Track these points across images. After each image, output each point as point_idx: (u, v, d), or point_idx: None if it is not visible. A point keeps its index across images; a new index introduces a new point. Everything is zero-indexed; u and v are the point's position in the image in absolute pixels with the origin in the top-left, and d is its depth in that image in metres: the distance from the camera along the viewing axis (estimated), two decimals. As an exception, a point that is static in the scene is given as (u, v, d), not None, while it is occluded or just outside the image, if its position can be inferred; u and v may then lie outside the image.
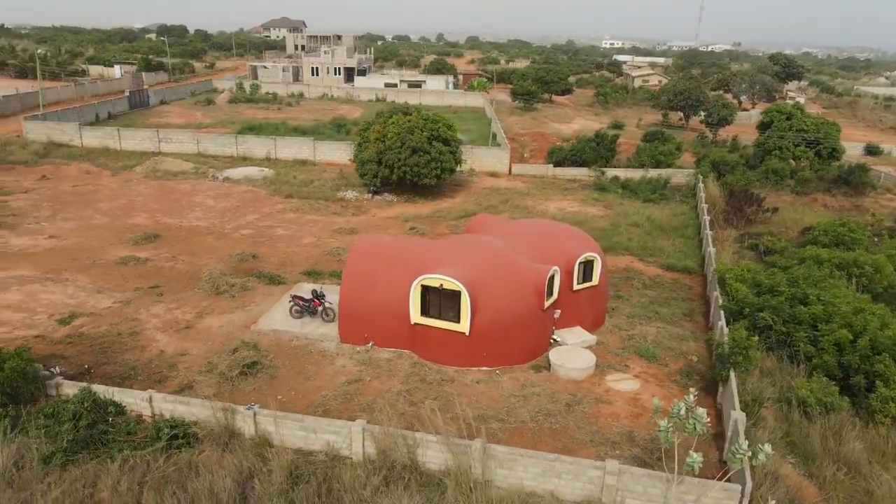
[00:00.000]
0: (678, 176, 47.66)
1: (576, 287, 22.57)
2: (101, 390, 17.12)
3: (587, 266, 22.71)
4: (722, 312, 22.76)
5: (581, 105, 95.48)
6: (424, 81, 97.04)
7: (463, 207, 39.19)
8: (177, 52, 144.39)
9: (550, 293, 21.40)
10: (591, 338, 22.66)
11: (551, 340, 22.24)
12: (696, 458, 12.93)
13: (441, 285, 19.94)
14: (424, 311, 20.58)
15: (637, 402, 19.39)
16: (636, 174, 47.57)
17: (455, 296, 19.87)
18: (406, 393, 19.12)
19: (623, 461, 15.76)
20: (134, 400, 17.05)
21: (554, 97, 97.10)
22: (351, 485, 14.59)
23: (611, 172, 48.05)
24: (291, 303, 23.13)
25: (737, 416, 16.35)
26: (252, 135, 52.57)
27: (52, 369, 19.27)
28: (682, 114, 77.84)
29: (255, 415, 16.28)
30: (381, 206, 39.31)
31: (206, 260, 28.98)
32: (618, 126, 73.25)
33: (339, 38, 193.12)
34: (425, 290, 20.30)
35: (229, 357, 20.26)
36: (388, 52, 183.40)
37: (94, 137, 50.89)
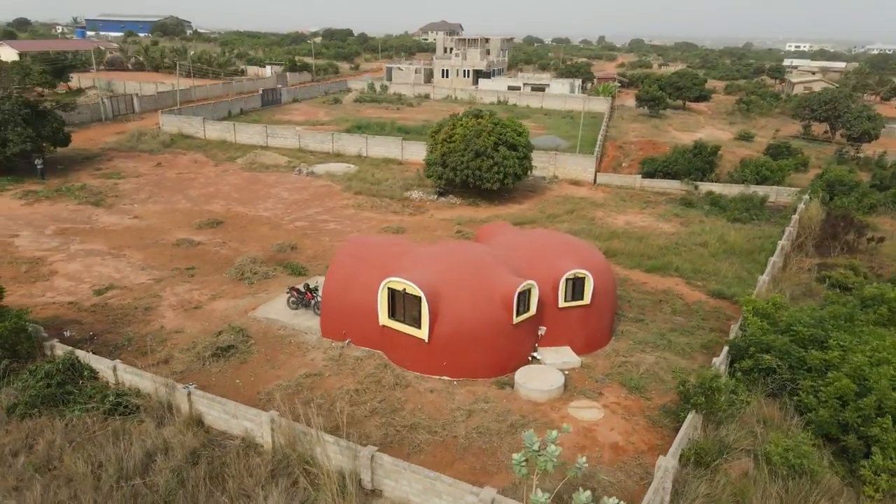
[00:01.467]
0: (783, 195, 42.96)
1: (562, 305, 21.37)
2: (82, 355, 19.20)
3: (576, 283, 21.40)
4: (726, 349, 20.44)
5: (719, 113, 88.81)
6: (548, 85, 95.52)
7: (524, 214, 38.35)
8: (332, 55, 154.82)
9: (525, 308, 20.48)
10: (574, 359, 21.35)
11: (529, 357, 21.27)
12: (540, 497, 11.86)
13: (404, 289, 19.88)
14: (391, 314, 20.63)
15: (590, 433, 18.02)
16: (734, 190, 43.59)
17: (416, 301, 19.71)
18: (354, 393, 19.32)
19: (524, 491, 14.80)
20: (103, 367, 18.90)
21: (690, 103, 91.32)
22: (238, 471, 15.15)
23: (706, 187, 44.46)
24: (289, 294, 24.22)
25: (664, 464, 14.70)
26: (346, 133, 55.10)
27: (64, 332, 21.93)
28: (828, 126, 69.80)
29: (189, 394, 17.39)
30: (441, 207, 39.60)
31: (250, 247, 31.10)
32: (746, 137, 67.42)
33: (487, 40, 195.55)
34: (392, 292, 20.35)
35: (212, 338, 21.72)
36: (534, 55, 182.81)
37: (214, 131, 56.31)
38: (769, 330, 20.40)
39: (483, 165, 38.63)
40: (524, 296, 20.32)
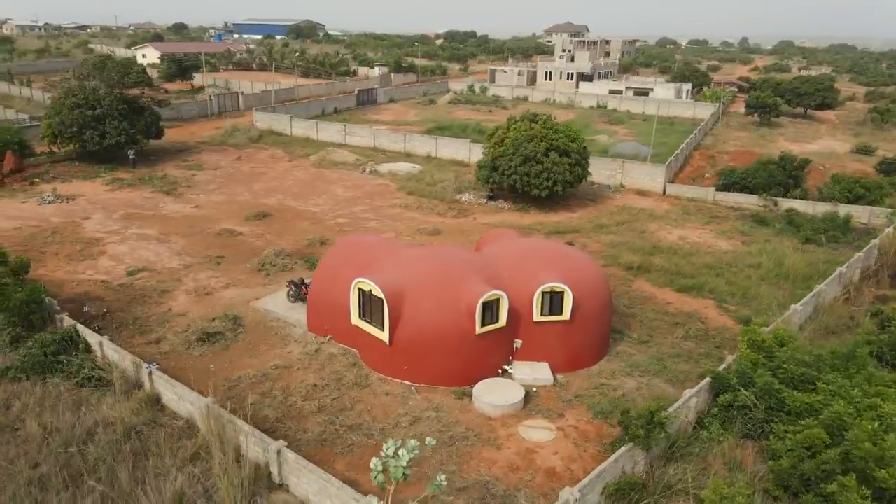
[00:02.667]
0: (879, 216, 38.31)
1: (538, 318, 20.51)
2: (81, 329, 21.10)
3: (554, 298, 20.43)
4: (707, 380, 18.70)
5: (848, 123, 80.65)
6: (652, 89, 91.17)
7: (569, 223, 37.04)
8: (446, 56, 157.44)
9: (494, 319, 19.88)
10: (547, 377, 20.43)
11: (500, 370, 20.62)
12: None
13: (370, 291, 20.00)
14: (361, 314, 20.82)
15: (531, 454, 17.21)
16: (821, 208, 39.48)
17: (379, 303, 19.76)
18: (312, 388, 19.72)
19: (418, 506, 14.45)
20: (94, 342, 20.65)
21: (814, 111, 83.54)
22: (163, 451, 16.00)
23: (787, 204, 40.61)
24: (288, 287, 25.11)
25: (567, 496, 13.79)
26: (420, 134, 55.82)
27: (85, 307, 24.17)
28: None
29: (150, 373, 18.60)
30: (488, 211, 39.17)
31: (284, 240, 32.51)
32: (865, 150, 60.81)
33: (608, 42, 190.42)
34: (361, 293, 20.53)
35: (205, 324, 23.02)
36: (658, 58, 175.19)
37: (300, 128, 59.26)
38: (763, 364, 18.38)
39: (532, 171, 37.76)
40: (491, 306, 19.73)
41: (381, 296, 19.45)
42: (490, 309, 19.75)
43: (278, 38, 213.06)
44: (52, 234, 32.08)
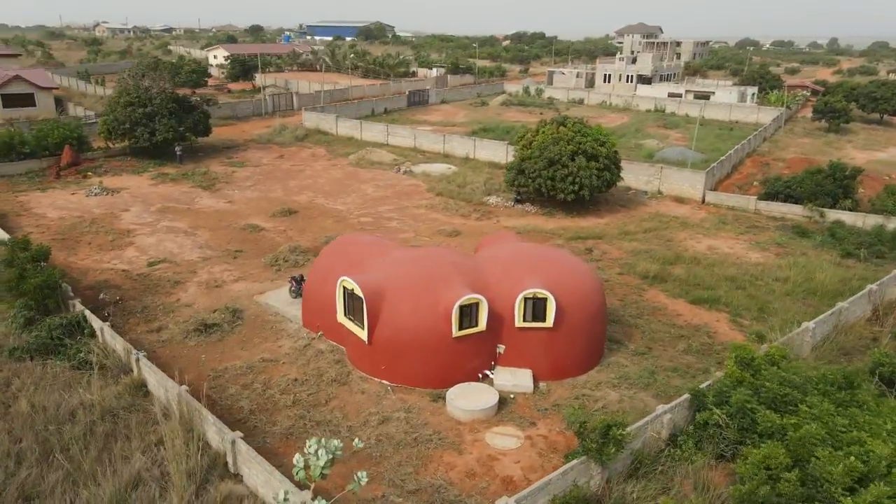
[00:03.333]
0: (934, 231, 35.59)
1: (520, 324, 20.20)
2: (88, 315, 22.32)
3: (537, 304, 20.06)
4: (686, 396, 17.94)
5: (931, 131, 75.25)
6: (713, 93, 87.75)
7: (593, 229, 36.17)
8: (510, 58, 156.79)
9: (473, 323, 19.72)
10: (527, 384, 20.10)
11: (479, 375, 20.43)
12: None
13: (352, 289, 20.24)
14: (346, 312, 21.08)
15: (491, 461, 17.00)
16: (871, 221, 37.06)
17: (360, 302, 19.97)
18: (293, 382, 20.13)
19: (358, 504, 14.57)
20: (97, 328, 21.80)
21: (890, 117, 78.37)
22: (129, 434, 16.74)
23: (835, 215, 38.31)
24: (290, 283, 25.70)
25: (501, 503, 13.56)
26: (459, 135, 55.82)
27: (100, 294, 25.53)
28: None
29: (137, 360, 19.47)
30: (513, 215, 38.79)
31: (304, 237, 33.28)
32: (937, 160, 56.47)
33: (679, 44, 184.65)
34: (345, 291, 20.80)
35: (206, 315, 23.89)
36: (731, 59, 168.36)
37: (344, 128, 60.45)
38: (747, 383, 17.46)
39: (557, 175, 37.15)
40: (470, 309, 19.59)
41: (361, 295, 19.65)
42: (469, 312, 19.61)
43: (348, 39, 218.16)
44: (90, 225, 34.03)
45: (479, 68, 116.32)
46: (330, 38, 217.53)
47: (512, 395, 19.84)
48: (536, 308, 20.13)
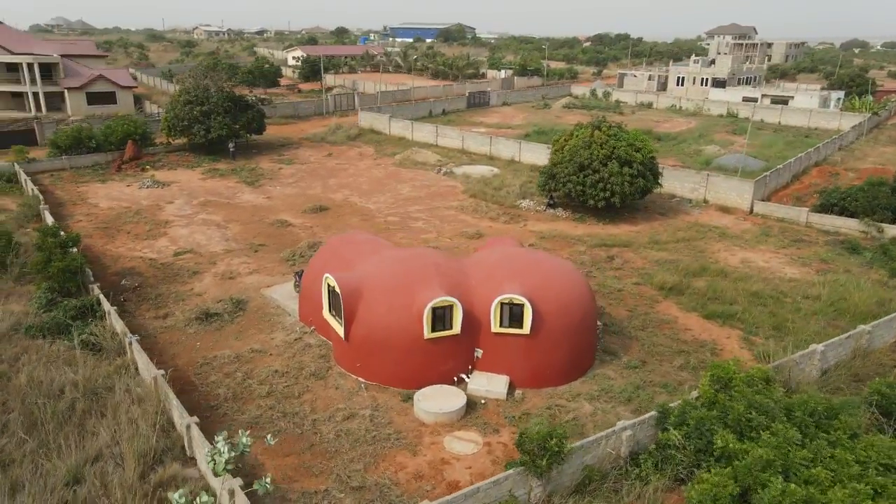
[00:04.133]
0: None
1: (496, 330, 19.96)
2: (102, 299, 23.84)
3: (514, 310, 19.75)
4: (653, 413, 17.19)
5: None
6: (791, 97, 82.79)
7: (624, 237, 35.00)
8: (586, 59, 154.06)
9: (446, 326, 19.67)
10: (500, 391, 19.83)
11: (455, 378, 20.33)
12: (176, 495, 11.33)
13: (334, 286, 20.63)
14: (329, 308, 21.50)
15: (442, 465, 16.93)
16: (935, 238, 34.08)
17: (339, 299, 20.33)
18: (273, 373, 20.73)
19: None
20: (105, 311, 23.25)
21: None
22: (103, 412, 17.78)
23: (894, 231, 35.45)
24: (294, 278, 26.43)
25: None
26: (503, 138, 55.41)
27: (122, 280, 27.17)
28: None
29: (130, 344, 20.63)
30: (542, 219, 38.16)
31: (328, 233, 34.05)
32: None
33: (770, 45, 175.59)
34: (328, 287, 21.22)
35: (211, 305, 24.97)
36: (828, 62, 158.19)
37: (397, 128, 61.33)
38: (721, 404, 16.54)
39: (587, 180, 36.28)
40: (444, 312, 19.55)
41: (339, 292, 20.00)
42: (442, 315, 19.57)
43: (427, 41, 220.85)
44: (134, 215, 36.26)
45: (549, 70, 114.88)
46: (410, 40, 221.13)
47: (483, 401, 19.64)
48: (513, 314, 19.83)
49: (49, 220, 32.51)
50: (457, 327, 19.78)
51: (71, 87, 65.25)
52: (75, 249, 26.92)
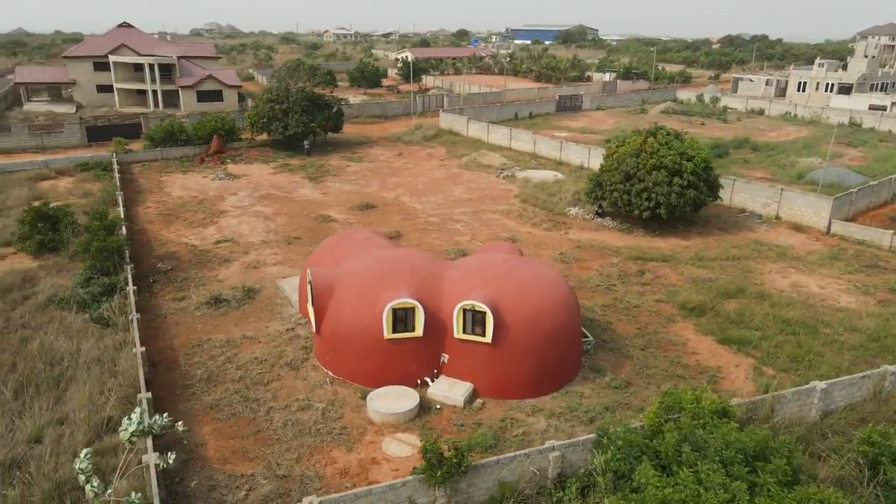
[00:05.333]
0: None
1: (459, 336, 19.71)
2: (129, 279, 26.11)
3: (476, 317, 19.40)
4: (594, 436, 16.27)
5: None
6: (927, 107, 73.53)
7: (666, 252, 32.94)
8: (707, 63, 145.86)
9: (408, 327, 19.71)
10: (458, 398, 19.57)
11: (418, 380, 20.30)
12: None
13: (310, 280, 21.29)
14: (311, 302, 22.16)
15: (371, 465, 17.07)
16: None
17: (313, 294, 20.95)
18: (253, 360, 21.74)
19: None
20: (129, 290, 25.41)
21: None
22: (86, 381, 19.49)
23: None
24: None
25: (306, 501, 13.75)
26: (574, 143, 53.76)
27: (159, 263, 29.53)
28: None
29: (132, 321, 22.46)
30: (586, 228, 36.83)
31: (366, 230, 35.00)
32: None
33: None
34: (308, 281, 21.90)
35: (224, 291, 26.54)
36: None
37: (474, 130, 61.46)
38: (663, 431, 15.38)
39: (632, 189, 34.59)
40: (405, 313, 19.60)
41: (310, 286, 20.63)
42: (404, 317, 19.62)
43: (546, 42, 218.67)
44: (198, 204, 39.16)
45: (658, 73, 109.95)
46: (528, 42, 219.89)
47: (438, 406, 19.48)
48: (476, 321, 19.49)
49: (121, 205, 35.95)
50: (419, 330, 19.74)
51: (184, 86, 71.39)
52: (124, 231, 29.61)
